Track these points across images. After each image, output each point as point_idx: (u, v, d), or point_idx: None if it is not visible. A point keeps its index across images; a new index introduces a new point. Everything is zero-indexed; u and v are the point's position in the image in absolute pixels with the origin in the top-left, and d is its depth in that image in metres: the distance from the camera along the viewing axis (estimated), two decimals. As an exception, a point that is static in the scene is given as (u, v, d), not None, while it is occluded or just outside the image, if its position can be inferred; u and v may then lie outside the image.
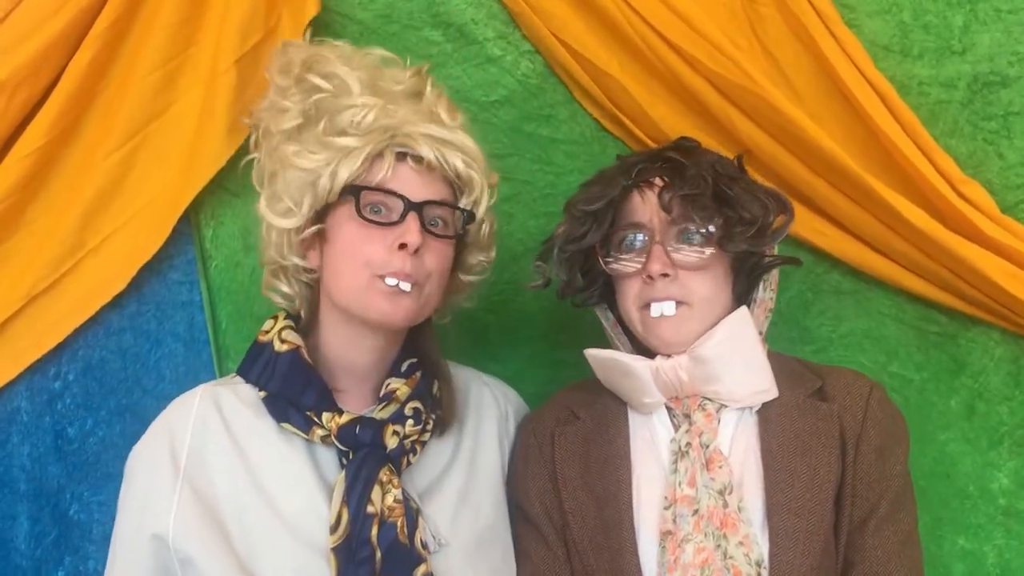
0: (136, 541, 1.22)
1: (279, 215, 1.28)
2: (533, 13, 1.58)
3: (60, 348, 1.53)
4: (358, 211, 1.22)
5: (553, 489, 1.33)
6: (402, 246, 1.21)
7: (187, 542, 1.19)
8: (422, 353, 1.35)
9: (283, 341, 1.29)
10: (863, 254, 1.58)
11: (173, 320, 1.59)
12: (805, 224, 1.58)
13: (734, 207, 1.26)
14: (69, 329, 1.51)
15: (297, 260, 1.30)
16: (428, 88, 1.33)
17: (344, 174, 1.22)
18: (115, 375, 1.57)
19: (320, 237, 1.29)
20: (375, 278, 1.22)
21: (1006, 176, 1.55)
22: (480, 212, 1.31)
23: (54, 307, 1.50)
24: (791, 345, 1.61)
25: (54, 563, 1.54)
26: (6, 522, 1.53)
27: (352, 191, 1.23)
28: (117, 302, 1.54)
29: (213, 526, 1.20)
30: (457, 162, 1.26)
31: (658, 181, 1.29)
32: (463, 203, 1.30)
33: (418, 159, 1.24)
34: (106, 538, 1.29)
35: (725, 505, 1.20)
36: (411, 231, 1.21)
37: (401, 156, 1.24)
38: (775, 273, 1.35)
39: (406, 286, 1.22)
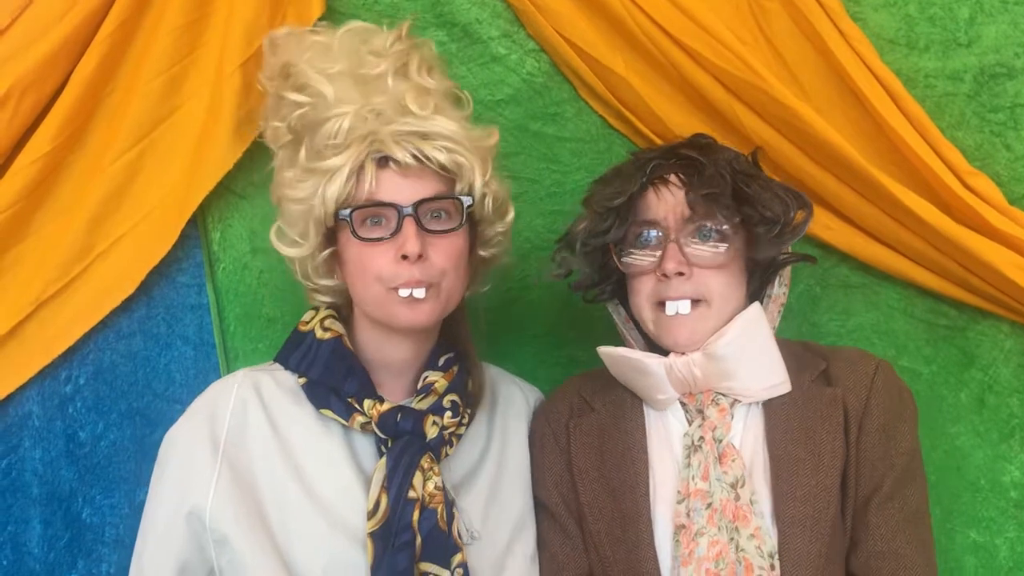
0: (172, 518, 1.22)
1: (287, 246, 1.31)
2: (537, 11, 1.58)
3: (70, 352, 1.53)
4: (354, 233, 1.23)
5: (570, 479, 1.33)
6: (405, 256, 1.21)
7: (224, 521, 1.20)
8: (457, 346, 1.36)
9: (325, 329, 1.31)
10: (871, 248, 1.58)
11: (182, 323, 1.59)
12: (813, 219, 1.57)
13: (754, 205, 1.26)
14: (79, 333, 1.52)
15: (326, 282, 1.33)
16: (390, 78, 1.28)
17: (332, 198, 1.22)
18: (125, 379, 1.57)
19: (337, 257, 1.30)
20: (389, 291, 1.23)
21: (1013, 168, 1.54)
22: (477, 192, 1.28)
23: (64, 312, 1.50)
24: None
25: (67, 567, 1.54)
26: (19, 526, 1.53)
27: (344, 215, 1.23)
28: (126, 306, 1.54)
29: (250, 507, 1.21)
30: (438, 155, 1.23)
31: (673, 179, 1.29)
32: (458, 189, 1.27)
33: (399, 161, 1.23)
34: (119, 541, 1.29)
35: (737, 498, 1.20)
36: (408, 240, 1.20)
37: (383, 161, 1.23)
38: (788, 268, 1.35)
39: (420, 292, 1.22)
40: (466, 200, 1.26)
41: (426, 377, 1.31)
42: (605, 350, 1.34)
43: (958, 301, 1.57)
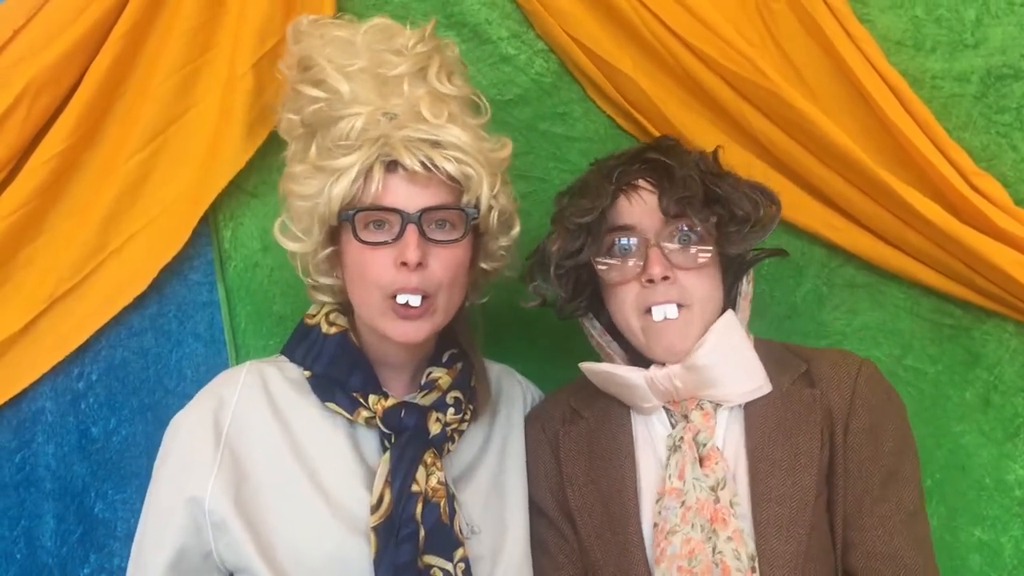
0: (173, 501, 1.23)
1: (290, 240, 1.32)
2: (547, 12, 1.59)
3: (83, 349, 1.54)
4: (355, 236, 1.23)
5: (561, 484, 1.34)
6: (404, 263, 1.21)
7: (223, 506, 1.21)
8: (460, 342, 1.37)
9: (331, 324, 1.32)
10: (877, 248, 1.58)
11: (194, 320, 1.60)
12: (819, 218, 1.59)
13: (726, 205, 1.26)
14: (92, 330, 1.53)
15: (326, 280, 1.33)
16: (408, 81, 1.27)
17: (338, 197, 1.22)
18: (137, 375, 1.58)
19: (338, 256, 1.31)
20: (387, 299, 1.23)
21: (1020, 169, 1.55)
22: (483, 204, 1.28)
23: (77, 309, 1.52)
24: (806, 339, 1.61)
25: (79, 561, 1.56)
26: (32, 520, 1.55)
27: (347, 215, 1.24)
28: (138, 303, 1.56)
29: (250, 495, 1.22)
30: (447, 164, 1.22)
31: (643, 183, 1.28)
32: (464, 200, 1.26)
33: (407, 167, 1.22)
34: (130, 536, 1.30)
35: (716, 500, 1.20)
36: (409, 247, 1.20)
37: (392, 166, 1.23)
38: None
39: (416, 300, 1.22)
40: (471, 212, 1.26)
41: (430, 373, 1.32)
42: (588, 366, 1.35)
43: (964, 301, 1.57)
